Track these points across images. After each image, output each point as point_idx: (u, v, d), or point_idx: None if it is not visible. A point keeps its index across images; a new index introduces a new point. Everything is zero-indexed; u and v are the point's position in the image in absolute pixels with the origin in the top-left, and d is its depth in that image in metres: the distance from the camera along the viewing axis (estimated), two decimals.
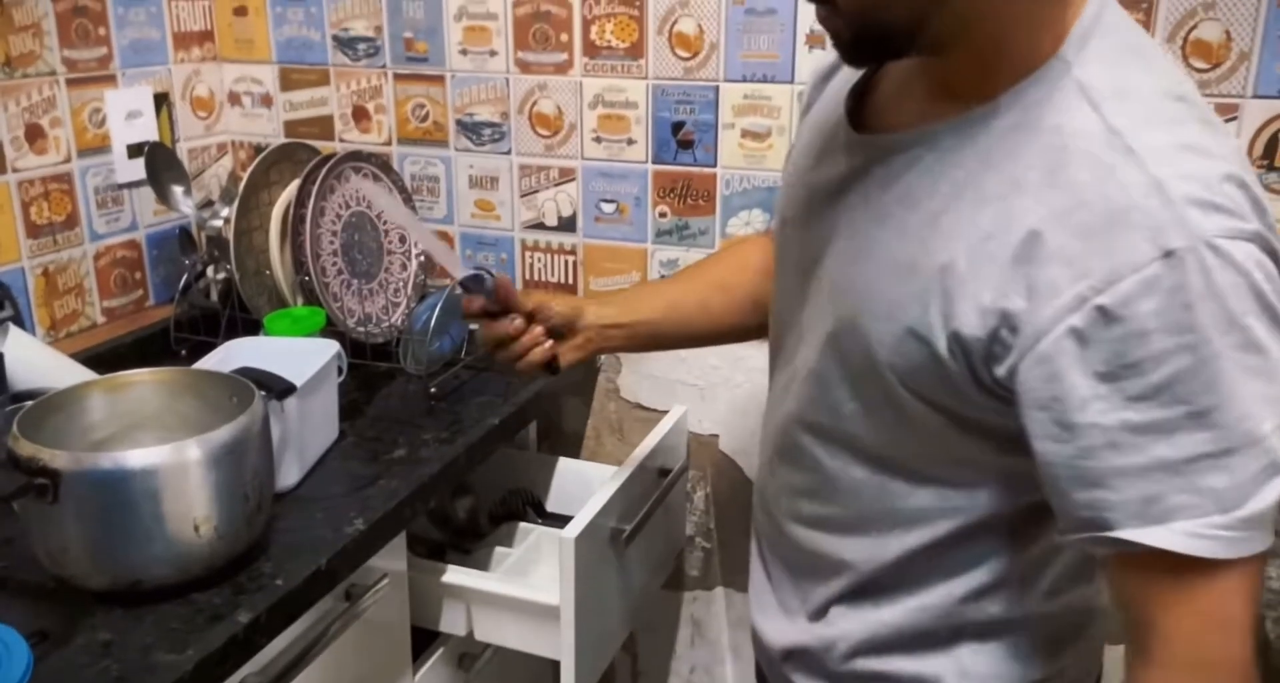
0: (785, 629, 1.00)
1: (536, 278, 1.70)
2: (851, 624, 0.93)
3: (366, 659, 1.25)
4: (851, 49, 0.78)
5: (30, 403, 1.04)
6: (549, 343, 1.06)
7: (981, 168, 0.75)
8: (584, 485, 1.61)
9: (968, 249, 0.74)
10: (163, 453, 0.97)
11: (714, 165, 1.56)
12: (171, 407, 1.11)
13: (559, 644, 1.30)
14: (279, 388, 1.14)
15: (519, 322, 1.04)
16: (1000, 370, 0.73)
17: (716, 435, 1.68)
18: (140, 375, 1.12)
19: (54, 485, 0.94)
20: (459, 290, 1.05)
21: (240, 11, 1.74)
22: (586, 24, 1.56)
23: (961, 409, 0.79)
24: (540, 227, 1.68)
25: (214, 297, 1.62)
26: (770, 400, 1.00)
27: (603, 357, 1.70)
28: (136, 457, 0.96)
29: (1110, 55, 0.73)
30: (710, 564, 1.76)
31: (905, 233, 0.78)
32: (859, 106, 0.88)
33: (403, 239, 1.66)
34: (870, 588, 0.91)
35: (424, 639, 1.40)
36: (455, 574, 1.37)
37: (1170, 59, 0.79)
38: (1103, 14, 0.74)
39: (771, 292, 1.00)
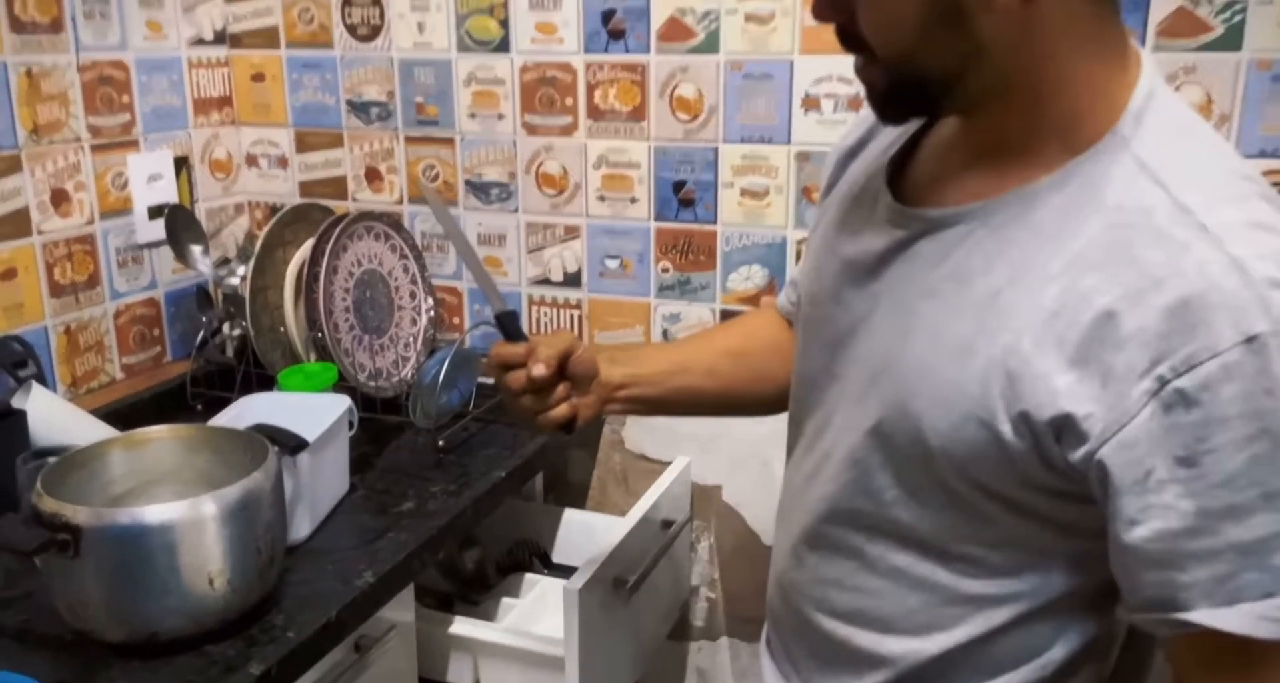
0: None
1: (543, 331, 1.74)
2: None
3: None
4: (886, 102, 0.79)
5: (53, 460, 1.08)
6: (573, 399, 0.97)
7: (1040, 244, 0.74)
8: (589, 536, 1.64)
9: (1032, 329, 0.72)
10: (179, 508, 1.01)
11: (714, 223, 1.60)
12: (189, 462, 1.15)
13: None
14: (292, 444, 1.18)
15: (541, 370, 0.93)
16: (1076, 455, 0.71)
17: (719, 486, 1.71)
18: (158, 432, 1.16)
19: (75, 541, 0.98)
20: (493, 324, 1.00)
21: (258, 78, 1.81)
22: (590, 89, 1.61)
23: (1018, 495, 0.77)
24: (546, 282, 1.73)
25: (229, 353, 1.67)
26: (792, 484, 0.96)
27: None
28: (154, 512, 1.00)
29: (1168, 132, 0.74)
30: (715, 614, 1.78)
31: (960, 311, 0.77)
32: (897, 178, 0.87)
33: (413, 295, 1.71)
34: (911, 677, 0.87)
35: None
36: (462, 625, 1.40)
37: (1222, 138, 0.80)
38: (1155, 92, 0.75)
39: (791, 369, 0.98)
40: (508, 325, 0.98)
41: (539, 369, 0.92)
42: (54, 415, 1.36)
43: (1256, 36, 1.30)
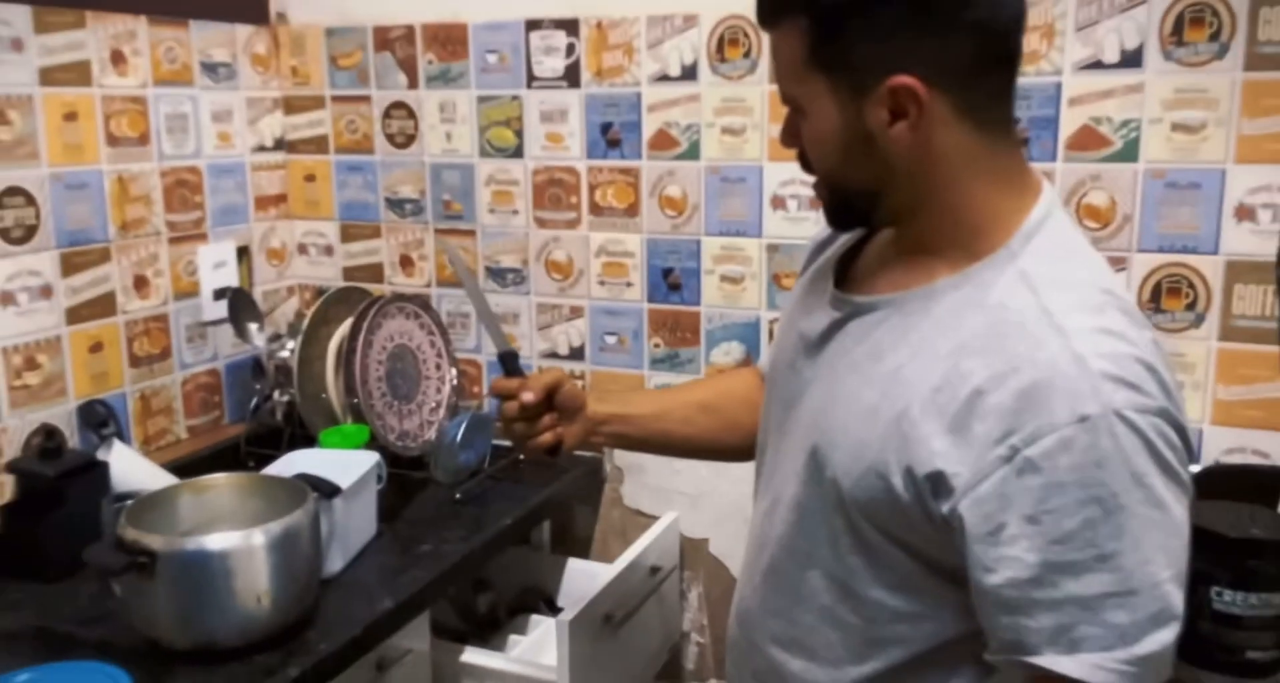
0: None
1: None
2: None
3: None
4: (831, 213, 0.97)
5: (131, 501, 1.33)
6: (559, 428, 1.16)
7: (937, 332, 0.87)
8: (591, 583, 1.83)
9: (921, 399, 0.85)
10: (235, 538, 1.24)
11: (698, 304, 1.84)
12: (243, 504, 1.39)
13: None
14: (328, 490, 1.41)
15: (530, 397, 1.12)
16: (945, 507, 0.83)
17: (707, 539, 1.92)
18: (218, 479, 1.41)
19: (152, 564, 1.21)
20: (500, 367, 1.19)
21: (309, 178, 2.09)
22: (592, 189, 1.87)
23: (916, 543, 0.88)
24: (554, 355, 1.97)
25: (279, 416, 1.91)
26: (754, 524, 1.08)
27: (608, 468, 1.95)
28: (214, 541, 1.24)
29: (1050, 251, 0.88)
30: (705, 658, 1.97)
31: (872, 381, 0.90)
32: (846, 271, 1.02)
33: (438, 367, 1.95)
34: None
35: None
36: (471, 654, 1.61)
37: (1101, 259, 0.92)
38: (1046, 220, 0.89)
39: (756, 421, 1.11)
40: (508, 364, 1.19)
41: (528, 397, 1.13)
42: (131, 467, 1.61)
43: (1150, 150, 1.53)
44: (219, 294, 1.94)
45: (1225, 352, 1.52)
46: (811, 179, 0.96)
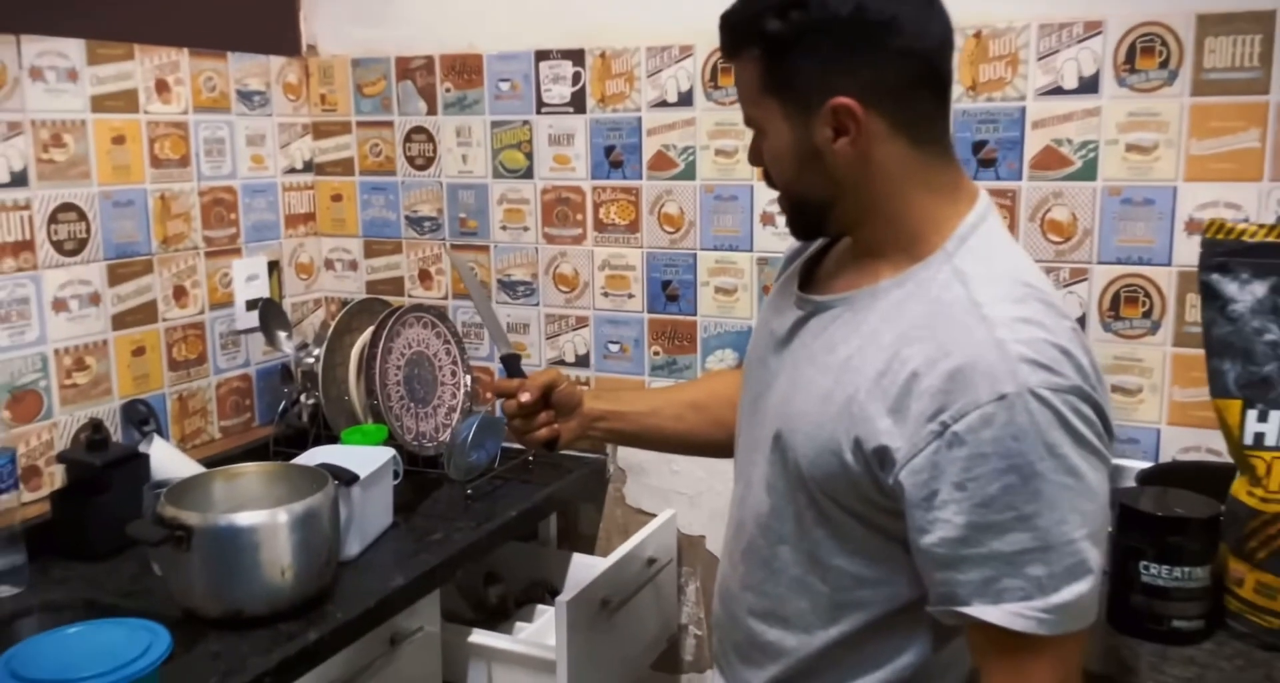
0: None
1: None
2: None
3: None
4: (791, 224, 1.09)
5: (170, 484, 1.47)
6: (555, 424, 1.29)
7: (881, 324, 0.99)
8: (593, 576, 1.97)
9: (867, 384, 0.96)
10: (262, 516, 1.38)
11: (695, 314, 1.97)
12: (270, 490, 1.52)
13: None
14: (346, 477, 1.55)
15: (527, 397, 1.26)
16: (890, 479, 0.94)
17: (704, 536, 2.04)
18: (248, 467, 1.55)
19: (188, 538, 1.35)
20: (501, 372, 1.32)
21: (336, 198, 2.25)
22: (596, 207, 2.01)
23: (870, 513, 0.99)
24: (562, 362, 2.10)
25: (304, 418, 2.05)
26: (732, 506, 1.18)
27: (611, 469, 2.08)
28: (243, 518, 1.38)
29: (981, 251, 0.99)
30: (702, 649, 2.08)
31: (826, 371, 1.01)
32: (810, 275, 1.14)
33: (453, 373, 2.09)
34: (805, 673, 1.08)
35: None
36: (478, 635, 1.74)
37: (1029, 259, 1.04)
38: (980, 224, 1.01)
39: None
40: (510, 365, 1.32)
41: (525, 396, 1.26)
42: (168, 460, 1.75)
43: (1107, 169, 1.65)
44: (251, 305, 2.09)
45: (1179, 356, 1.63)
46: (775, 194, 1.08)
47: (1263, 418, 1.20)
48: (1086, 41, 1.63)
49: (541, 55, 2.00)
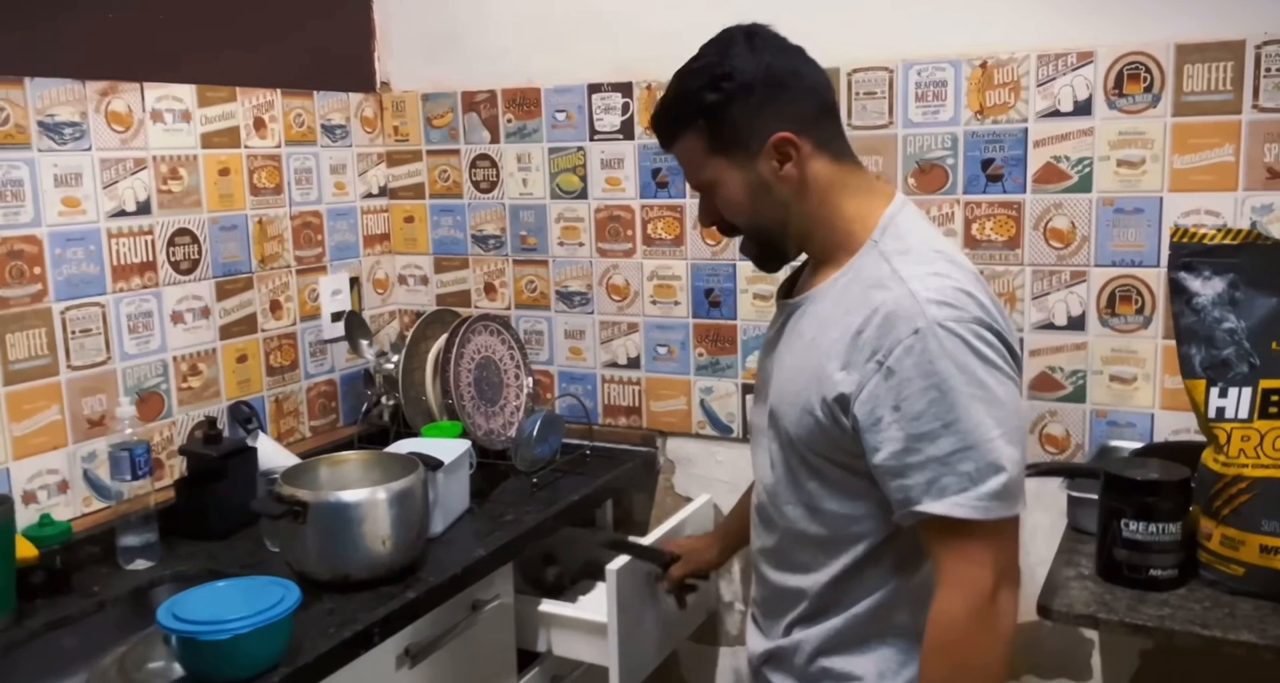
0: (763, 642, 1.43)
1: (612, 401, 2.33)
2: (808, 635, 1.34)
3: (485, 665, 1.83)
4: (761, 260, 1.38)
5: (284, 469, 1.71)
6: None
7: (833, 308, 1.26)
8: None
9: (827, 351, 1.23)
10: (365, 493, 1.61)
11: (735, 318, 2.18)
12: (367, 473, 1.76)
13: (607, 653, 1.85)
14: (432, 463, 1.78)
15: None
16: (848, 419, 1.20)
17: None
18: (348, 455, 1.79)
19: (304, 512, 1.58)
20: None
21: (409, 219, 2.49)
22: (644, 223, 2.23)
23: (846, 459, 1.24)
24: (614, 365, 2.32)
25: (385, 417, 2.29)
26: (754, 495, 1.45)
27: (660, 461, 2.30)
28: (350, 495, 1.61)
29: (899, 234, 1.25)
30: (745, 624, 2.28)
31: (799, 353, 1.29)
32: (793, 286, 1.42)
33: (516, 376, 2.31)
34: (818, 609, 1.33)
35: (526, 660, 1.97)
36: (546, 605, 1.96)
37: (940, 233, 1.33)
38: (896, 215, 1.27)
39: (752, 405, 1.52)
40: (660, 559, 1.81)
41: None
42: (272, 452, 1.99)
43: (1101, 182, 1.84)
44: (335, 317, 2.33)
45: (1169, 348, 1.81)
46: (747, 251, 1.38)
47: (1223, 394, 1.40)
48: (1080, 69, 1.83)
49: (594, 88, 2.23)
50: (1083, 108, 1.83)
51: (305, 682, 1.42)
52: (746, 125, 1.25)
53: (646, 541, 1.94)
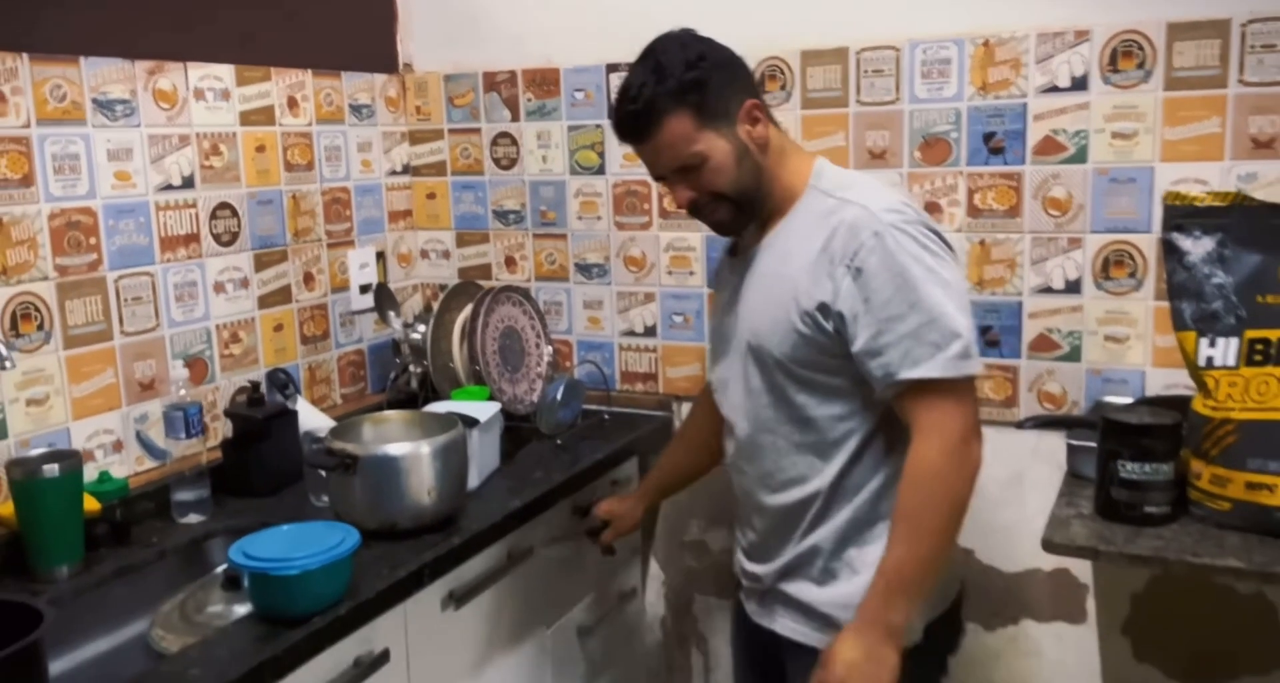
0: (773, 564, 1.60)
1: (629, 368, 2.44)
2: (822, 535, 1.55)
3: (522, 610, 1.94)
4: (732, 226, 1.59)
5: (334, 426, 1.81)
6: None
7: (792, 241, 1.52)
8: None
9: (798, 273, 1.48)
10: (410, 447, 1.72)
11: None
12: (408, 431, 1.86)
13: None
14: (469, 421, 1.89)
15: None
16: (832, 321, 1.45)
17: None
18: (391, 414, 1.90)
19: (353, 464, 1.69)
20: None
21: (431, 196, 2.59)
22: (660, 198, 2.34)
23: (828, 362, 1.47)
24: (632, 333, 2.43)
25: (413, 384, 2.39)
26: (729, 442, 1.67)
27: (676, 424, 2.40)
28: (396, 448, 1.71)
29: (832, 176, 1.55)
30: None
31: (769, 286, 1.53)
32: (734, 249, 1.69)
33: (537, 345, 2.42)
34: (824, 511, 1.54)
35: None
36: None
37: (866, 174, 1.63)
38: (824, 166, 1.56)
39: (712, 366, 1.74)
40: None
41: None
42: (310, 415, 2.10)
43: (1096, 153, 1.96)
44: (364, 289, 2.43)
45: (1160, 309, 1.92)
46: (700, 217, 1.59)
47: (1212, 344, 1.52)
48: (1077, 47, 1.94)
49: (611, 67, 2.33)
50: (1079, 83, 1.95)
51: (365, 617, 1.52)
52: (726, 96, 1.48)
53: None
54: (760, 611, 1.67)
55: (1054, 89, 1.97)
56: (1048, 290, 2.02)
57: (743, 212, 1.55)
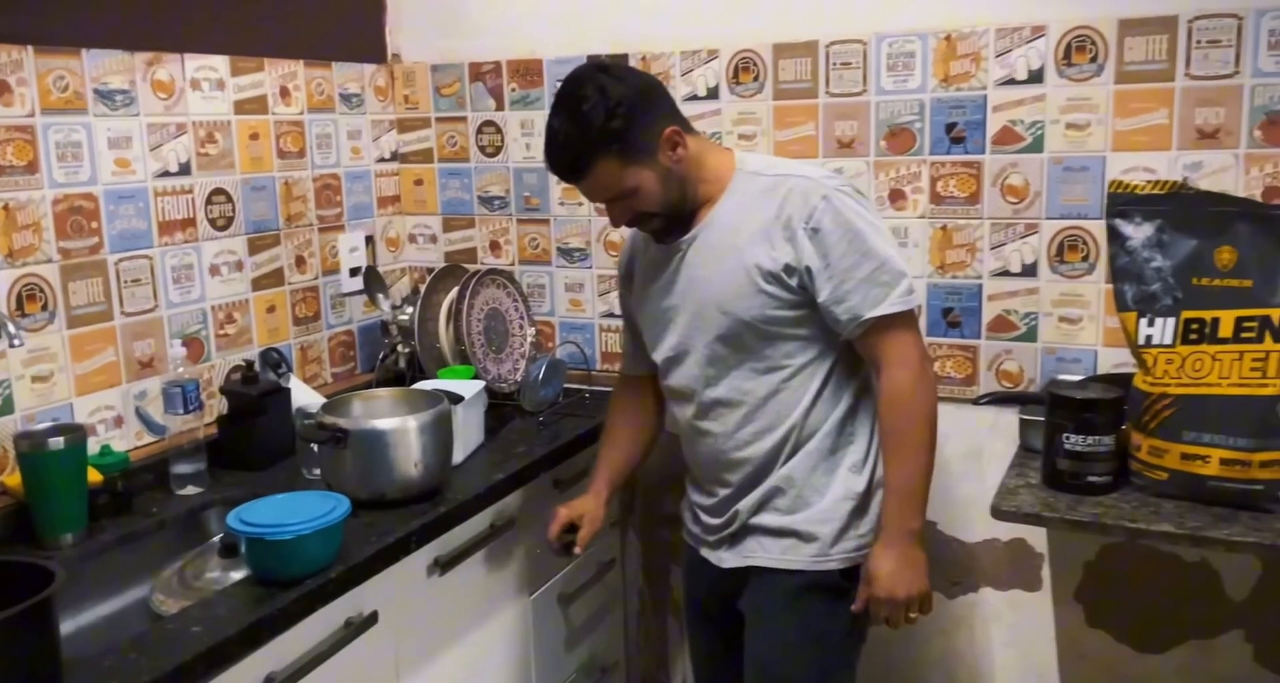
0: (751, 495, 1.74)
1: (610, 349, 2.53)
2: (795, 466, 1.72)
3: (504, 577, 2.04)
4: (664, 233, 1.74)
5: (325, 402, 1.90)
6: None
7: (736, 217, 1.69)
8: None
9: (752, 242, 1.65)
10: (398, 421, 1.81)
11: None
12: (396, 407, 1.95)
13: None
14: (455, 397, 1.98)
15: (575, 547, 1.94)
16: (795, 276, 1.63)
17: None
18: (381, 391, 1.99)
19: (345, 437, 1.78)
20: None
21: (418, 182, 2.67)
22: None
23: (788, 311, 1.65)
24: (612, 315, 2.52)
25: (401, 364, 2.48)
26: (685, 423, 1.83)
27: None
28: (384, 423, 1.81)
29: (754, 161, 1.74)
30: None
31: (721, 257, 1.69)
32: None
33: (520, 326, 2.51)
34: (796, 446, 1.71)
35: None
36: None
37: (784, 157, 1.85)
38: (745, 157, 1.75)
39: (656, 409, 1.98)
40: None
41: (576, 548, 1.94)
42: (303, 393, 2.18)
43: (1052, 143, 2.06)
44: (353, 272, 2.52)
45: (1110, 292, 2.02)
46: (651, 229, 1.76)
47: (1150, 324, 1.62)
48: (1033, 42, 2.03)
49: (593, 59, 2.41)
50: (1036, 76, 2.04)
51: (355, 581, 1.62)
52: (647, 133, 1.63)
53: None
54: (731, 553, 1.79)
55: (1012, 82, 2.06)
56: (1006, 274, 2.12)
57: (673, 220, 1.72)
